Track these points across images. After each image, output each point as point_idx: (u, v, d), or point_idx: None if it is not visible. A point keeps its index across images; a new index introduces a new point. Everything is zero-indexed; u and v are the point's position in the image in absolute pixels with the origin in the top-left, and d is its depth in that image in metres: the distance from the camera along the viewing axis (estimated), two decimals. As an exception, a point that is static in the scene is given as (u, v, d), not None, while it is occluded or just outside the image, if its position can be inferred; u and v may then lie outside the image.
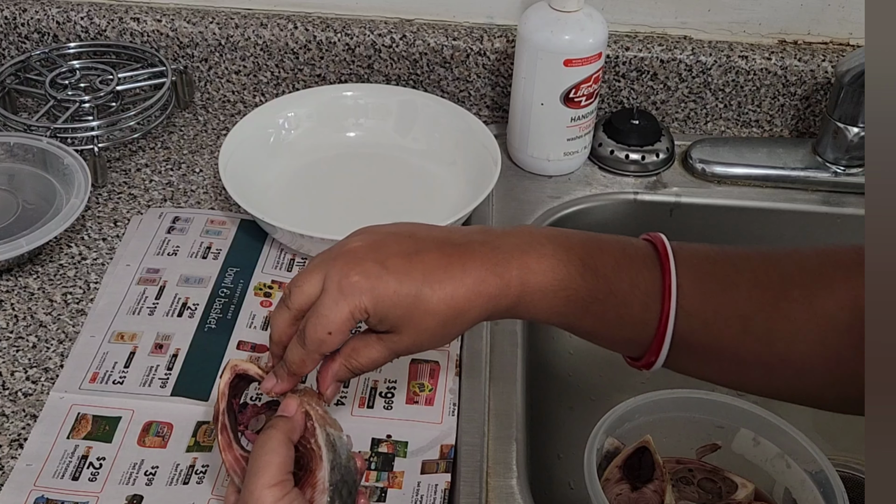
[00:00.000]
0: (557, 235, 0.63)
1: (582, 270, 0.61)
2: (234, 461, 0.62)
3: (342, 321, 0.59)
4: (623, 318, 0.61)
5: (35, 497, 0.68)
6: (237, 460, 0.62)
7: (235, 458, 0.62)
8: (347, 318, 0.59)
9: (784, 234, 0.98)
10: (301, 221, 0.85)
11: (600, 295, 0.61)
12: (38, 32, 1.05)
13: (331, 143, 1.00)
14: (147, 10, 1.05)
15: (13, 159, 0.93)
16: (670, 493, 0.79)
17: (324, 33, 1.03)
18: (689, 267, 0.61)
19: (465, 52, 1.02)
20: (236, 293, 0.84)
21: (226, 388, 0.63)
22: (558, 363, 0.99)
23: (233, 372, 0.64)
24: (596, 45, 0.91)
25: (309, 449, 0.59)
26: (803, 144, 1.00)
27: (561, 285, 0.60)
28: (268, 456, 0.57)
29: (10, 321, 0.81)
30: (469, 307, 0.59)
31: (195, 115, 1.07)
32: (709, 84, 1.02)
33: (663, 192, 0.98)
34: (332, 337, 0.59)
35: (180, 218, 0.92)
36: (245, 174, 0.92)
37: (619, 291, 0.61)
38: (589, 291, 0.61)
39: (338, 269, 0.59)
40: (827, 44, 1.03)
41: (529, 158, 0.98)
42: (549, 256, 0.61)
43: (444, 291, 0.59)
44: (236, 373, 0.64)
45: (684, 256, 0.62)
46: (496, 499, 0.69)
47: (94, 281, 0.85)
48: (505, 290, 0.60)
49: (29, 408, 0.74)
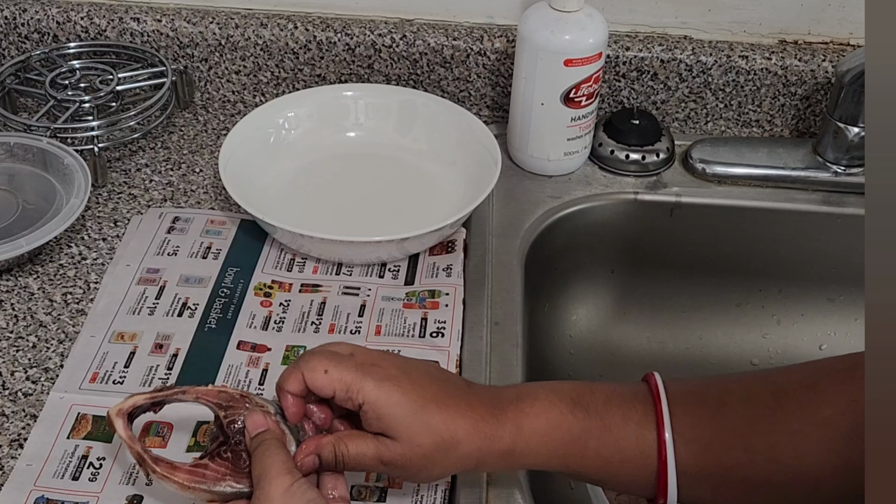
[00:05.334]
0: (549, 383, 0.65)
1: (573, 408, 0.62)
2: (188, 474, 0.62)
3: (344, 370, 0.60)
4: (623, 452, 0.61)
5: (35, 497, 0.68)
6: (190, 472, 0.62)
7: (187, 471, 0.62)
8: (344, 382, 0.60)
9: (784, 234, 0.98)
10: (301, 221, 0.85)
11: (594, 430, 0.62)
12: (38, 32, 1.05)
13: (331, 143, 1.00)
14: (147, 10, 1.05)
15: (13, 159, 0.93)
16: (670, 494, 0.79)
17: (324, 33, 1.03)
18: (680, 395, 0.62)
19: (465, 52, 1.02)
20: (236, 293, 0.84)
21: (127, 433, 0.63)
22: (558, 363, 0.99)
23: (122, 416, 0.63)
24: (596, 44, 0.91)
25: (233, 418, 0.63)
26: (803, 144, 1.00)
27: (553, 425, 0.62)
28: (267, 460, 0.59)
29: (10, 321, 0.81)
30: (466, 439, 0.61)
31: (195, 115, 1.07)
32: (709, 84, 1.02)
33: (663, 192, 0.98)
34: (324, 376, 0.60)
35: (180, 218, 0.92)
36: (245, 174, 0.92)
37: (612, 426, 0.62)
38: (582, 429, 0.62)
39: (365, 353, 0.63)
40: (827, 44, 1.03)
41: (529, 158, 0.98)
42: (542, 400, 0.62)
43: (447, 414, 0.60)
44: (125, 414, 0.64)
45: (674, 388, 0.62)
46: (496, 499, 0.69)
47: (94, 281, 0.85)
48: (500, 432, 0.61)
49: (29, 408, 0.74)
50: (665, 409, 0.61)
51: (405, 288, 0.85)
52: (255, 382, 0.76)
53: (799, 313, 1.03)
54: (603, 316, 1.03)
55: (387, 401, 0.59)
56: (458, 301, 0.83)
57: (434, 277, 0.86)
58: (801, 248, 0.99)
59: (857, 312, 1.02)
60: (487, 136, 0.95)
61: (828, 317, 1.02)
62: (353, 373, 0.60)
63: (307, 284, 0.85)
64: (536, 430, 0.61)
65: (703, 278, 1.02)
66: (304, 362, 0.61)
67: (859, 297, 1.01)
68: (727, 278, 1.02)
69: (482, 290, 0.85)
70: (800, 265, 1.00)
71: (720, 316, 1.03)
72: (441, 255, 0.88)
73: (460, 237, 0.90)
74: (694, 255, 1.01)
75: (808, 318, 1.03)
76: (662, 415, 0.61)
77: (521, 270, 0.88)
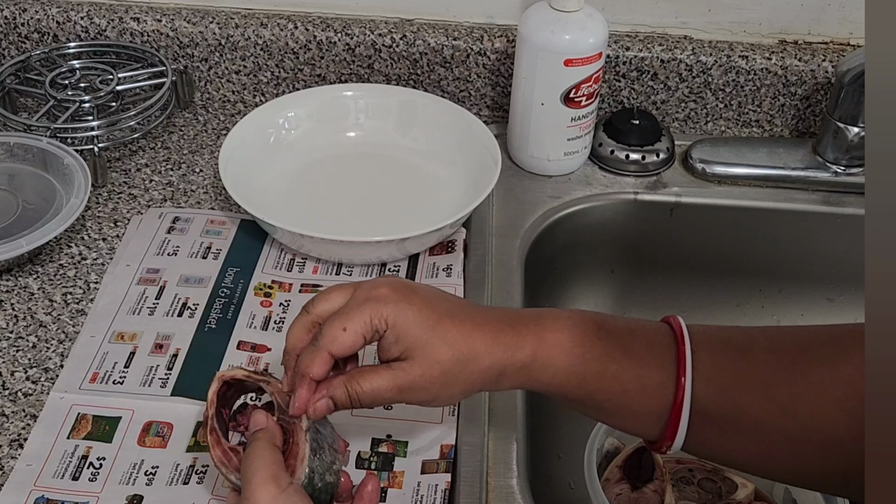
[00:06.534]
0: (573, 310, 0.64)
1: (597, 331, 0.61)
2: (223, 454, 0.62)
3: (360, 321, 0.59)
4: (641, 380, 0.60)
5: (35, 497, 0.68)
6: (225, 453, 0.62)
7: (224, 451, 0.62)
8: (366, 321, 0.59)
9: (784, 234, 0.98)
10: (301, 221, 0.85)
11: (616, 354, 0.60)
12: (38, 32, 1.05)
13: (331, 143, 1.00)
14: (147, 9, 1.05)
15: (13, 159, 0.93)
16: (670, 493, 0.79)
17: (324, 33, 1.03)
18: (703, 336, 0.61)
19: (465, 51, 1.02)
20: (236, 293, 0.84)
21: (213, 397, 0.64)
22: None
23: (220, 381, 0.64)
24: (596, 44, 0.91)
25: (292, 423, 0.61)
26: (803, 144, 1.00)
27: (576, 341, 0.60)
28: (256, 462, 0.58)
29: (10, 321, 0.81)
30: (486, 351, 0.59)
31: (195, 115, 1.07)
32: (709, 84, 1.02)
33: (663, 192, 0.98)
34: (345, 334, 0.58)
35: (180, 218, 0.92)
36: (245, 174, 0.92)
37: (635, 354, 0.61)
38: (605, 350, 0.60)
39: (368, 284, 0.61)
40: (827, 44, 1.03)
41: (530, 158, 0.98)
42: (565, 318, 0.62)
43: (464, 328, 0.59)
44: (224, 380, 0.64)
45: (697, 329, 0.62)
46: (496, 499, 0.69)
47: (94, 281, 0.85)
48: (521, 343, 0.60)
49: (29, 408, 0.74)
50: (688, 346, 0.60)
51: (405, 288, 0.85)
52: (255, 382, 0.76)
53: (799, 313, 1.03)
54: (603, 316, 1.03)
55: (403, 320, 0.58)
56: (458, 301, 0.83)
57: (434, 277, 0.86)
58: (801, 248, 0.99)
59: (857, 312, 1.02)
60: (487, 136, 0.95)
61: (828, 317, 1.02)
62: (367, 311, 0.59)
63: (307, 284, 0.85)
64: (559, 342, 0.60)
65: (703, 278, 1.02)
66: (320, 340, 0.59)
67: (859, 297, 1.01)
68: (727, 278, 1.02)
69: (482, 290, 0.85)
70: (800, 265, 1.00)
71: (720, 316, 1.03)
72: (441, 255, 0.88)
73: (460, 237, 0.90)
74: (694, 255, 1.01)
75: (808, 318, 1.03)
76: (685, 351, 0.60)
77: (521, 270, 0.88)
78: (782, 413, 0.58)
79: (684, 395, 0.59)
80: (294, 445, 0.60)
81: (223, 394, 0.65)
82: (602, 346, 0.61)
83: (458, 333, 0.59)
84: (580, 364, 0.60)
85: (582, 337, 0.61)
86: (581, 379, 0.60)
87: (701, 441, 0.60)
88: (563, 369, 0.60)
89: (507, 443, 0.73)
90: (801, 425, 0.58)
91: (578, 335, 0.61)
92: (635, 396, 0.61)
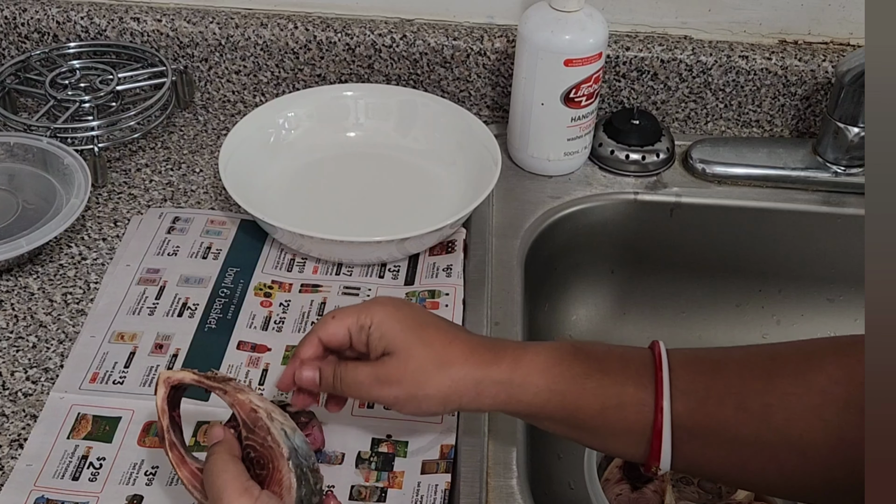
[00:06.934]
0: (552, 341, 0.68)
1: (574, 353, 0.64)
2: (191, 475, 0.62)
3: (349, 313, 0.66)
4: (620, 396, 0.62)
5: (35, 497, 0.68)
6: (194, 474, 0.62)
7: (192, 472, 0.62)
8: (354, 314, 0.65)
9: (784, 234, 0.98)
10: (301, 221, 0.85)
11: (594, 372, 0.62)
12: (38, 32, 1.05)
13: (331, 143, 1.00)
14: (147, 10, 1.05)
15: (13, 159, 0.93)
16: (670, 494, 0.79)
17: (324, 33, 1.03)
18: (679, 355, 0.63)
19: (465, 52, 1.02)
20: (236, 293, 0.84)
21: (164, 404, 0.63)
22: (558, 363, 0.99)
23: (167, 385, 0.63)
24: (596, 44, 0.91)
25: (267, 447, 0.60)
26: (803, 144, 1.00)
27: (554, 362, 0.63)
28: (221, 476, 0.58)
29: (10, 321, 0.81)
30: (462, 360, 0.63)
31: (195, 115, 1.07)
32: (709, 84, 1.02)
33: (663, 192, 0.98)
34: (333, 321, 0.65)
35: (180, 218, 0.92)
36: (245, 174, 0.92)
37: (611, 371, 0.63)
38: (583, 369, 0.63)
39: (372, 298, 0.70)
40: (827, 44, 1.03)
41: (530, 158, 0.98)
42: (544, 345, 0.65)
43: (446, 336, 0.64)
44: (171, 385, 0.63)
45: (674, 351, 0.63)
46: (496, 499, 0.69)
47: (94, 281, 0.85)
48: (497, 360, 0.63)
49: (29, 408, 0.74)
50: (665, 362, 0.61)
51: (405, 288, 0.85)
52: (255, 383, 0.76)
53: (799, 313, 1.03)
54: (603, 316, 1.03)
55: (389, 319, 0.64)
56: (458, 301, 0.83)
57: (434, 277, 0.86)
58: (801, 248, 0.99)
59: (856, 312, 1.02)
60: (487, 136, 0.95)
61: (827, 317, 1.02)
62: (358, 308, 0.66)
63: (307, 284, 0.85)
64: (535, 362, 0.63)
65: (703, 278, 1.02)
66: (314, 328, 0.67)
67: (859, 297, 1.01)
68: (727, 278, 1.02)
69: (482, 291, 0.85)
70: (800, 265, 1.00)
71: (720, 316, 1.03)
72: (441, 256, 0.88)
73: (460, 237, 0.90)
74: (694, 255, 1.01)
75: (808, 318, 1.03)
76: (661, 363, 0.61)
77: (521, 270, 0.88)
78: (757, 422, 0.59)
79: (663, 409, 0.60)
80: (276, 472, 0.59)
81: (172, 398, 0.64)
82: (580, 366, 0.63)
83: (437, 340, 0.64)
84: (559, 382, 0.62)
85: (559, 358, 0.63)
86: (562, 397, 0.62)
87: (686, 456, 0.61)
88: (543, 388, 0.62)
89: (507, 443, 0.73)
90: (777, 433, 0.58)
91: (555, 356, 0.63)
92: (615, 413, 0.62)
